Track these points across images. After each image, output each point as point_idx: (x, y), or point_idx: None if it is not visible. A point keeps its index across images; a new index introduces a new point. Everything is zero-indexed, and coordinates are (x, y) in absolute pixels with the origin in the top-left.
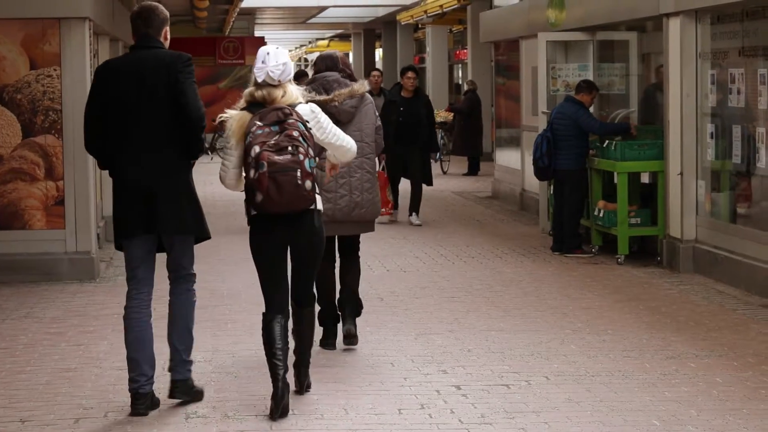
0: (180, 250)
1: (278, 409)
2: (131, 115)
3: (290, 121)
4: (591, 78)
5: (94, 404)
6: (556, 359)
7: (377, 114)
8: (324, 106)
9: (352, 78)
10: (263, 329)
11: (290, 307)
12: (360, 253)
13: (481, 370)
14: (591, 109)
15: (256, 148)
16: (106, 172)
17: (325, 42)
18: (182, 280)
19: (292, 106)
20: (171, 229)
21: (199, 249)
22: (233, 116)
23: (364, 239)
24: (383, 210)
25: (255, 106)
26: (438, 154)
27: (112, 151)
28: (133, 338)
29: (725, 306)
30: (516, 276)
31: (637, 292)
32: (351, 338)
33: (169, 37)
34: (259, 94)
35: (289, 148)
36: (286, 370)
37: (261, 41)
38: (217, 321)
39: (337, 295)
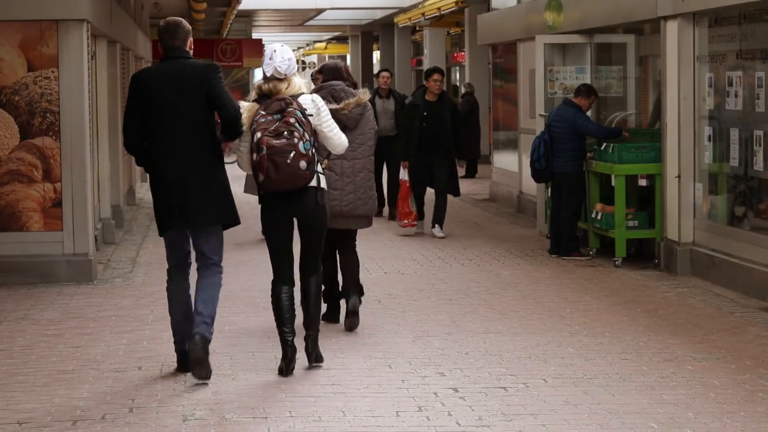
0: (204, 239)
1: (288, 369)
2: (170, 118)
3: (289, 109)
4: (589, 80)
5: (92, 406)
6: (554, 362)
7: (375, 119)
8: (335, 113)
9: (355, 86)
10: (272, 298)
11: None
12: (356, 251)
13: (479, 373)
14: (589, 113)
15: (258, 134)
16: (107, 173)
17: (323, 44)
18: (209, 271)
19: (296, 96)
20: (201, 222)
21: None
22: (245, 107)
23: (362, 242)
24: (406, 221)
25: (263, 97)
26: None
27: (151, 149)
28: (176, 306)
29: (723, 309)
30: (513, 278)
31: (635, 295)
32: (354, 316)
33: (192, 46)
34: (265, 87)
35: (285, 133)
36: (293, 335)
37: (259, 43)
38: (215, 323)
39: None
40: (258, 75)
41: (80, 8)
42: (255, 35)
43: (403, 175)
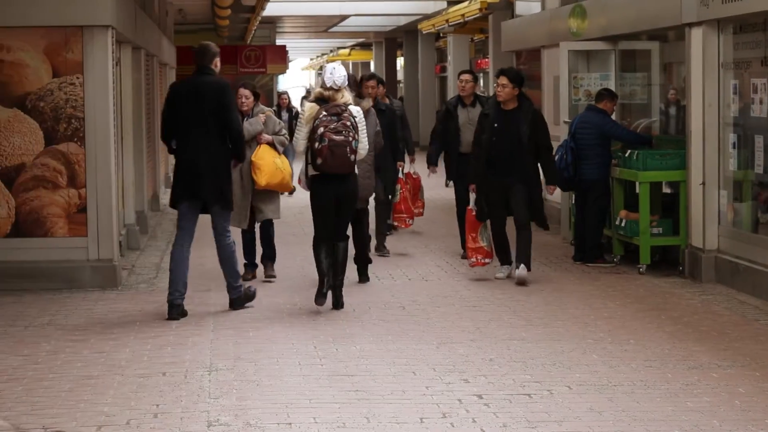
0: (219, 214)
1: (321, 297)
2: (193, 120)
3: (345, 115)
4: (613, 87)
5: (117, 411)
6: (578, 369)
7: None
8: None
9: (359, 94)
10: (314, 250)
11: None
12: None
13: (503, 380)
14: (612, 116)
15: (321, 129)
16: (131, 179)
17: (347, 51)
18: (221, 236)
19: (346, 104)
20: (212, 200)
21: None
22: (308, 106)
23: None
24: (474, 259)
25: (319, 101)
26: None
27: (178, 142)
28: (175, 265)
29: (747, 316)
30: (538, 285)
31: (659, 302)
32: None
33: (219, 65)
34: (326, 93)
35: (344, 132)
36: (327, 276)
37: (283, 50)
38: (238, 329)
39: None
40: (281, 81)
41: (105, 14)
42: (279, 41)
43: (471, 200)
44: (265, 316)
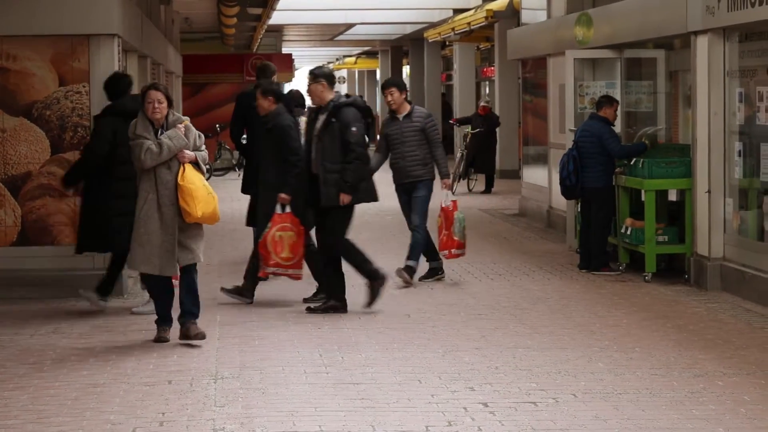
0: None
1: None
2: (258, 125)
3: None
4: (618, 95)
5: (122, 419)
6: (584, 377)
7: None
8: None
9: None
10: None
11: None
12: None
13: (509, 388)
14: (617, 124)
15: None
16: None
17: (353, 59)
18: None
19: None
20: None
21: (226, 265)
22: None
23: (393, 258)
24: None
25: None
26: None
27: (249, 142)
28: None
29: (753, 324)
30: (543, 293)
31: (665, 310)
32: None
33: (277, 79)
34: None
35: None
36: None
37: (289, 58)
38: (244, 337)
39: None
40: (287, 90)
41: (111, 23)
42: (285, 50)
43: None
44: (270, 325)
